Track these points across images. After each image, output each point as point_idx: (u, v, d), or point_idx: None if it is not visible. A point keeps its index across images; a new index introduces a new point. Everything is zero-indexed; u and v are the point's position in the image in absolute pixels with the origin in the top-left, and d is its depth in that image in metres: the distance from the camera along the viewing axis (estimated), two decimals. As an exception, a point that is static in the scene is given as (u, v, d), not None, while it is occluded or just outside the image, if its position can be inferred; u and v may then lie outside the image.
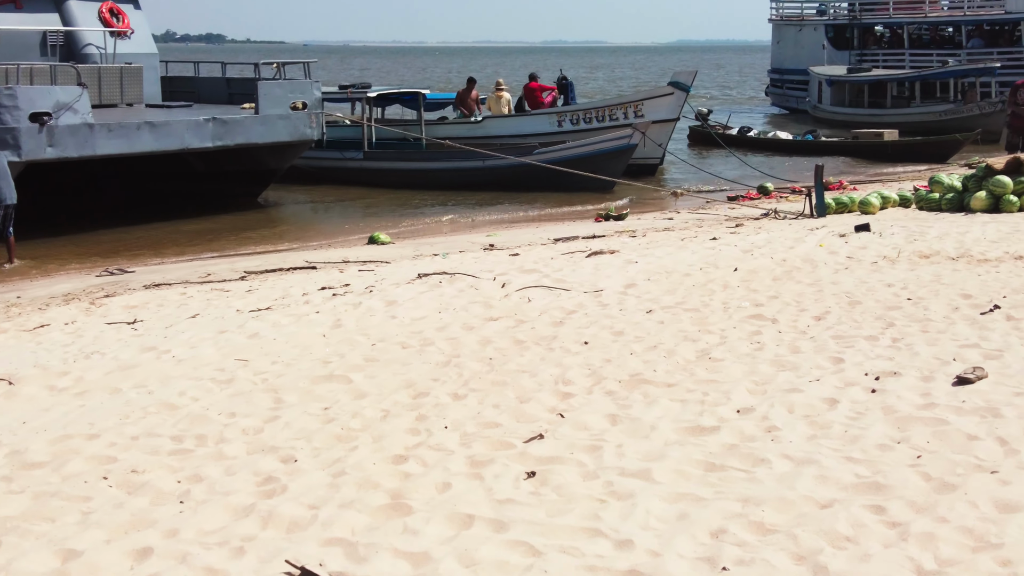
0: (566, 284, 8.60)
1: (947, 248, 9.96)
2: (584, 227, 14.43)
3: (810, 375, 5.82)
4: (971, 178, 13.25)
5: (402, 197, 18.78)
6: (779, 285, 8.43)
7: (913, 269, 9.04)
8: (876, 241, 10.45)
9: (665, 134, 21.43)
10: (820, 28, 38.43)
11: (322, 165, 20.64)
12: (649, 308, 7.66)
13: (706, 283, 8.56)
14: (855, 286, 8.27)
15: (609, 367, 6.07)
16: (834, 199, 14.21)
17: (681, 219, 14.86)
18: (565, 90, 23.19)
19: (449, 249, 12.40)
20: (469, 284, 8.67)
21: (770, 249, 10.14)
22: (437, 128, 22.64)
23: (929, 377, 5.68)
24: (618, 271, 9.11)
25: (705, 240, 11.40)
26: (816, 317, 7.27)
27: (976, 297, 7.77)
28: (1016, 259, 9.46)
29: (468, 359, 6.32)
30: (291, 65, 18.94)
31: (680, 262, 9.50)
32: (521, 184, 19.03)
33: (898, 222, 12.15)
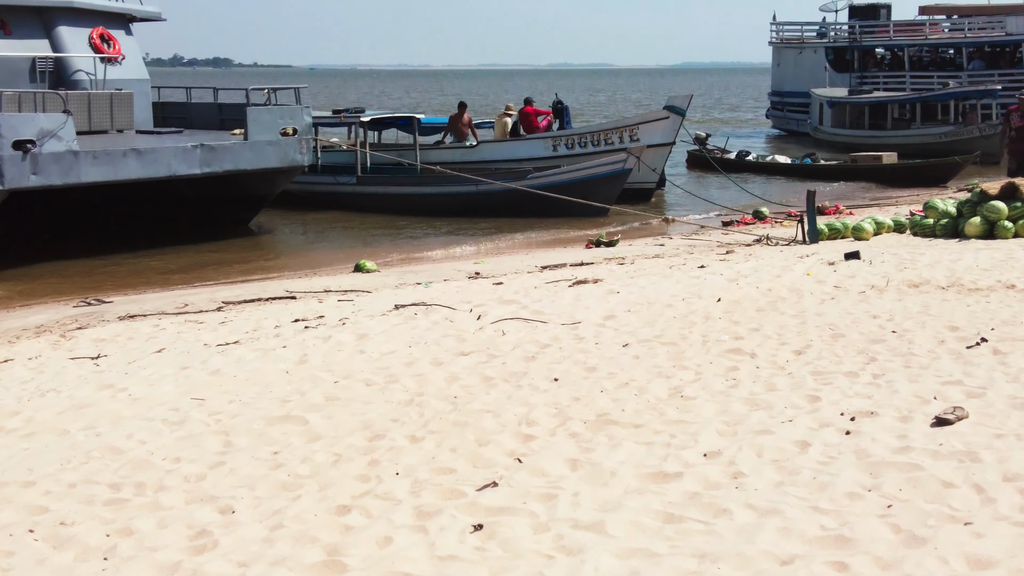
0: (544, 316, 8.39)
1: (937, 277, 9.73)
2: (574, 254, 14.24)
3: (784, 415, 5.59)
4: (966, 203, 13.04)
5: (395, 223, 18.61)
6: (762, 316, 8.21)
7: (901, 299, 8.82)
8: (865, 269, 10.23)
9: (661, 158, 21.27)
10: (820, 51, 38.35)
11: (315, 190, 20.51)
12: (626, 342, 7.44)
13: (687, 314, 8.34)
14: (840, 318, 8.05)
15: (576, 406, 5.85)
16: (827, 225, 14.00)
17: (672, 245, 14.66)
18: (560, 114, 23.06)
19: (435, 277, 12.21)
20: (445, 316, 8.46)
21: (756, 278, 9.92)
22: (432, 153, 22.51)
23: (907, 417, 5.45)
24: (599, 302, 8.90)
25: (692, 268, 11.19)
26: (796, 351, 7.04)
27: (963, 329, 7.54)
28: (1007, 288, 9.23)
29: (432, 397, 6.10)
30: (283, 91, 18.81)
31: (663, 292, 9.29)
32: (515, 209, 18.86)
33: (890, 249, 11.93)
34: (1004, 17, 35.03)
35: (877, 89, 35.04)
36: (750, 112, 56.10)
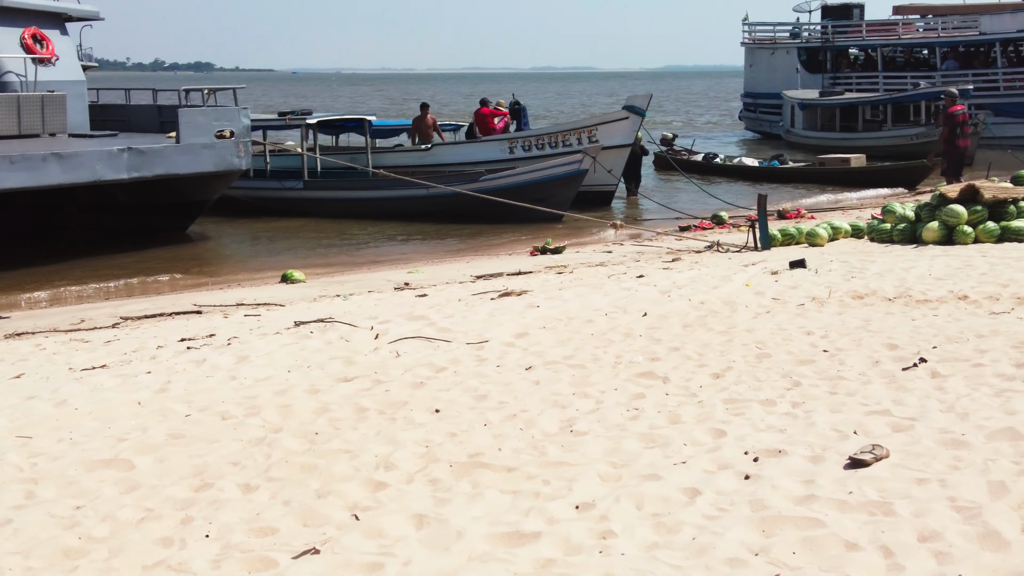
0: (450, 333, 7.66)
1: (885, 287, 9.05)
2: (516, 262, 13.52)
3: (680, 454, 4.87)
4: (924, 207, 12.37)
5: (343, 228, 17.88)
6: (687, 334, 7.51)
7: (841, 313, 8.13)
8: (809, 279, 9.54)
9: (621, 160, 20.56)
10: (793, 51, 37.77)
11: (261, 195, 19.76)
12: (530, 364, 6.72)
13: (607, 331, 7.63)
14: (771, 334, 7.35)
15: (449, 445, 5.12)
16: (780, 231, 13.33)
17: (621, 252, 13.96)
18: (518, 115, 22.34)
19: (361, 288, 11.47)
20: (342, 334, 7.72)
21: (692, 290, 9.22)
22: (385, 156, 21.80)
23: (819, 457, 4.74)
24: (515, 317, 8.18)
25: (630, 278, 10.48)
26: (714, 375, 6.34)
27: (903, 348, 6.85)
28: (959, 299, 8.55)
29: (289, 434, 5.36)
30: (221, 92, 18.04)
31: (588, 306, 8.57)
32: (468, 214, 18.15)
33: (842, 256, 11.25)
34: (978, 16, 34.49)
35: (849, 90, 34.47)
36: (725, 114, 55.50)
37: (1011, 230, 11.71)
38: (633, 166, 21.85)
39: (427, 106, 22.72)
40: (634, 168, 21.89)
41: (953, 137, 17.71)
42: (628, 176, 21.85)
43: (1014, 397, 5.60)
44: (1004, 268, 9.93)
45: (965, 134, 17.88)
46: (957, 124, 17.76)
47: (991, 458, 4.66)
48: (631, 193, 21.71)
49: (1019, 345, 6.80)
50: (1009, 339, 6.98)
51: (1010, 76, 32.61)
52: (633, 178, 22.06)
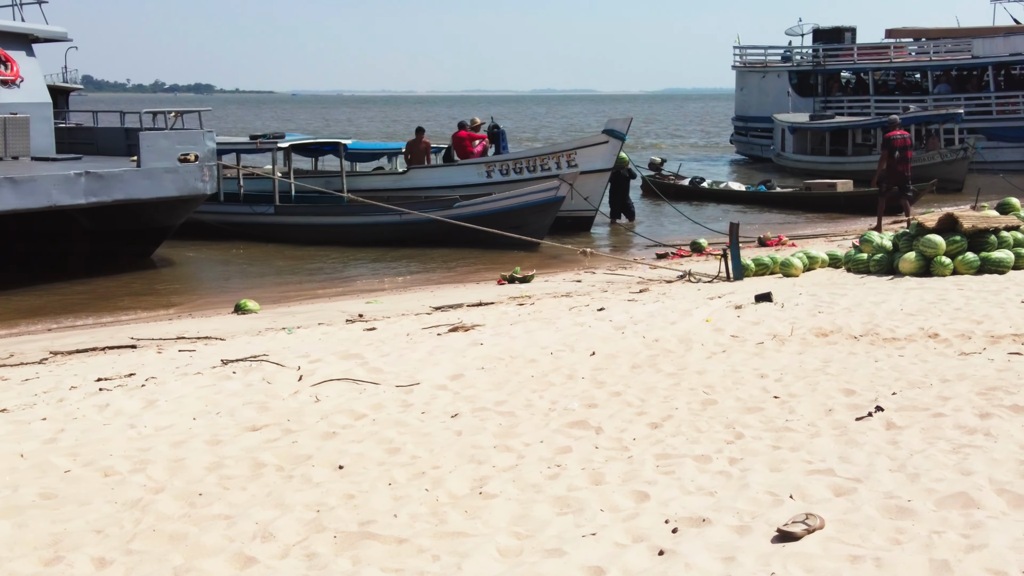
0: (382, 375, 7.17)
1: (853, 323, 8.56)
2: (482, 291, 13.03)
3: (593, 523, 4.38)
4: (902, 237, 11.90)
5: (310, 255, 17.40)
6: (634, 376, 7.02)
7: (802, 352, 7.65)
8: (774, 314, 9.05)
9: (601, 184, 20.11)
10: (784, 75, 37.43)
11: (232, 220, 19.29)
12: (458, 411, 6.23)
13: (549, 372, 7.14)
14: (722, 377, 6.86)
15: (342, 509, 4.62)
16: (754, 260, 12.84)
17: (591, 281, 13.47)
18: (496, 139, 21.91)
19: (314, 319, 10.97)
20: (266, 375, 7.23)
21: (648, 325, 8.73)
22: (361, 180, 21.35)
23: (746, 528, 4.24)
24: (455, 356, 7.69)
25: (591, 311, 10.00)
26: (653, 424, 5.85)
27: (860, 393, 6.37)
28: (929, 337, 8.07)
29: (171, 495, 4.86)
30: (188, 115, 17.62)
31: (534, 343, 8.08)
32: (443, 240, 17.69)
33: (814, 288, 10.77)
34: (971, 40, 34.15)
35: (841, 114, 34.10)
36: (717, 137, 55.14)
37: (991, 261, 11.24)
38: (620, 192, 21.36)
39: (422, 130, 22.24)
40: (621, 194, 21.37)
41: (893, 162, 17.51)
42: (615, 202, 21.40)
43: (972, 455, 5.10)
44: (980, 303, 9.46)
45: (906, 159, 17.63)
46: (896, 149, 17.57)
47: (937, 530, 4.16)
48: (616, 219, 21.12)
49: (985, 391, 6.31)
50: (975, 384, 6.50)
51: (1003, 100, 32.25)
52: (621, 204, 21.48)
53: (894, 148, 17.56)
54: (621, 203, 21.46)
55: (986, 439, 5.37)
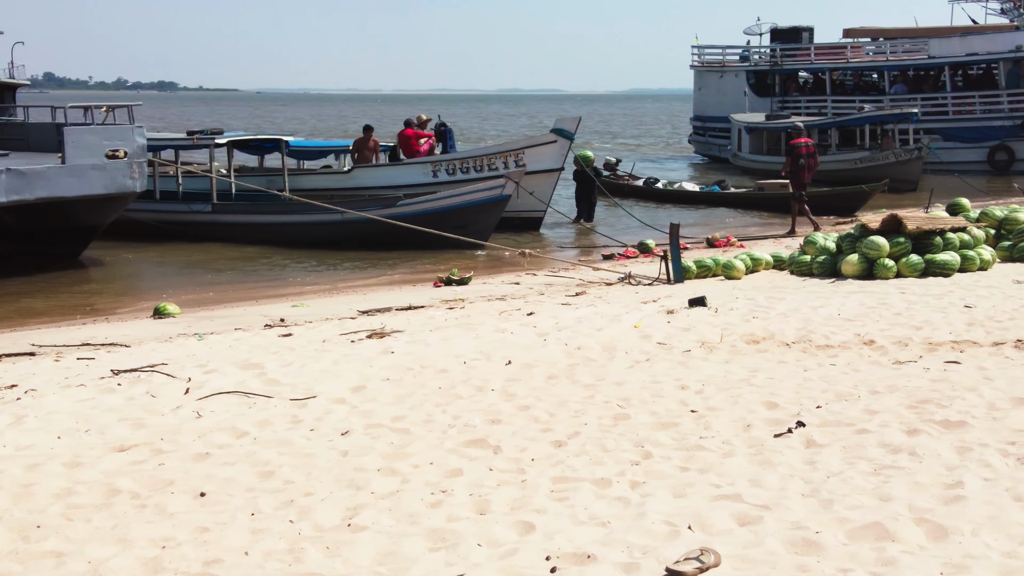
0: (277, 387, 6.67)
1: (787, 330, 8.17)
2: (416, 294, 12.54)
3: (466, 560, 3.92)
4: (846, 238, 11.55)
5: (247, 255, 16.80)
6: (548, 387, 6.57)
7: (729, 361, 7.23)
8: (706, 320, 8.64)
9: (549, 185, 19.66)
10: (741, 75, 37.21)
11: (168, 219, 18.62)
12: (349, 428, 5.74)
13: (458, 384, 6.68)
14: (640, 389, 6.43)
15: (189, 546, 4.13)
16: (696, 262, 12.45)
17: (530, 284, 13.02)
18: (444, 137, 21.40)
19: (233, 324, 10.43)
20: (152, 388, 6.70)
21: (574, 332, 8.28)
22: (304, 178, 20.79)
23: (633, 566, 3.80)
24: (362, 366, 7.20)
25: (520, 316, 9.54)
26: (557, 442, 5.40)
27: (783, 407, 5.96)
28: (864, 344, 7.70)
29: (6, 527, 4.35)
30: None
31: (450, 352, 7.60)
32: (385, 240, 17.14)
33: (753, 291, 10.38)
34: (927, 40, 34.08)
35: (798, 114, 33.89)
36: (676, 138, 54.92)
37: (936, 264, 10.92)
38: (585, 192, 20.84)
39: (371, 128, 21.66)
40: (586, 194, 20.85)
41: (797, 168, 17.92)
42: (580, 202, 20.95)
43: (893, 478, 4.70)
44: (922, 307, 9.11)
45: (810, 166, 18.02)
46: (800, 156, 18.01)
47: (845, 568, 3.75)
48: (580, 219, 20.61)
49: (916, 404, 5.93)
50: (907, 396, 6.12)
51: (959, 100, 32.19)
52: (586, 204, 20.96)
53: (799, 156, 17.95)
54: (586, 203, 20.93)
55: (910, 459, 4.98)
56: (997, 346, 7.63)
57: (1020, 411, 5.74)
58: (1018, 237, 12.28)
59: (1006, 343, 7.70)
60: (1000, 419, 5.60)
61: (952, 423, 5.53)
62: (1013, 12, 34.80)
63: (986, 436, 5.31)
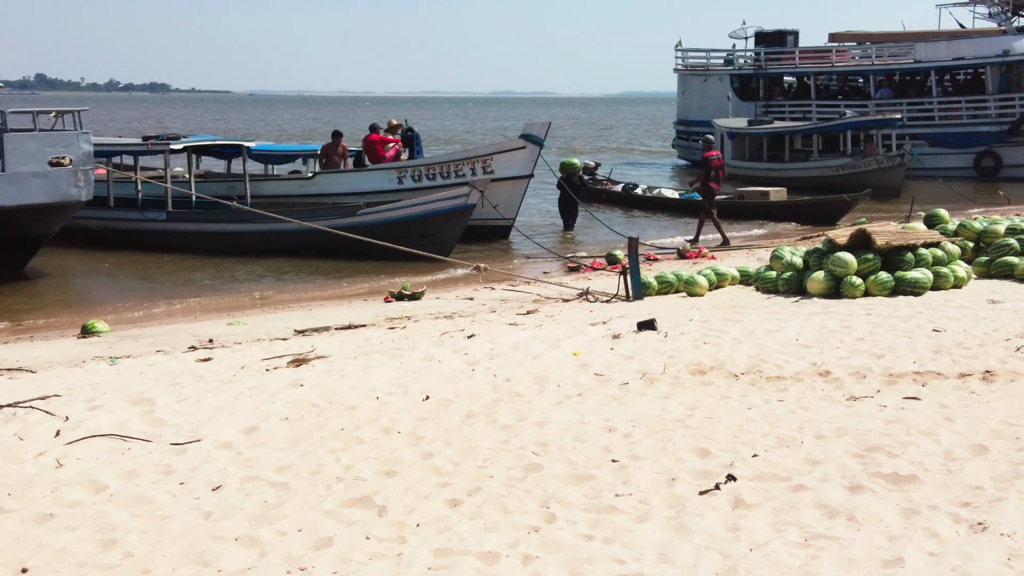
0: (162, 427, 6.02)
1: (737, 358, 7.54)
2: (365, 309, 11.90)
3: (299, 668, 3.27)
4: (813, 254, 10.93)
5: (199, 265, 16.14)
6: (463, 428, 5.93)
7: (668, 396, 6.60)
8: (653, 345, 8.00)
9: (518, 192, 19.02)
10: (725, 78, 36.60)
11: (122, 227, 17.93)
12: (222, 482, 5.10)
13: (364, 424, 6.03)
14: (563, 431, 5.79)
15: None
16: (657, 277, 11.82)
17: (484, 299, 12.38)
18: (410, 143, 20.74)
19: (159, 344, 9.77)
20: (21, 429, 6.02)
21: (507, 359, 7.64)
22: (266, 185, 20.11)
23: None
24: (263, 402, 6.54)
25: (461, 338, 8.90)
26: (453, 501, 4.76)
27: (716, 455, 5.33)
28: (819, 375, 7.08)
29: None
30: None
31: (365, 384, 6.96)
32: (345, 248, 16.44)
33: (711, 311, 9.75)
34: (913, 43, 33.50)
35: (782, 119, 33.33)
36: (661, 141, 54.28)
37: (906, 282, 10.30)
38: (570, 201, 20.16)
39: (339, 134, 20.98)
40: (570, 202, 20.16)
41: (708, 180, 18.15)
42: (564, 210, 20.30)
43: (824, 551, 4.08)
44: (887, 331, 8.49)
45: (719, 178, 18.26)
46: (712, 168, 18.23)
47: None
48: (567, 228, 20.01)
49: (864, 453, 5.31)
50: (855, 442, 5.49)
51: (945, 105, 31.61)
52: (569, 212, 20.29)
53: (711, 168, 18.19)
54: (569, 213, 20.22)
55: (848, 526, 4.35)
56: (963, 378, 7.02)
57: (978, 462, 5.11)
58: (996, 252, 11.68)
59: (973, 374, 7.08)
60: (955, 472, 4.98)
61: (901, 477, 4.90)
62: (1000, 16, 34.21)
63: (937, 495, 4.68)
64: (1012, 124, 29.99)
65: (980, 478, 4.89)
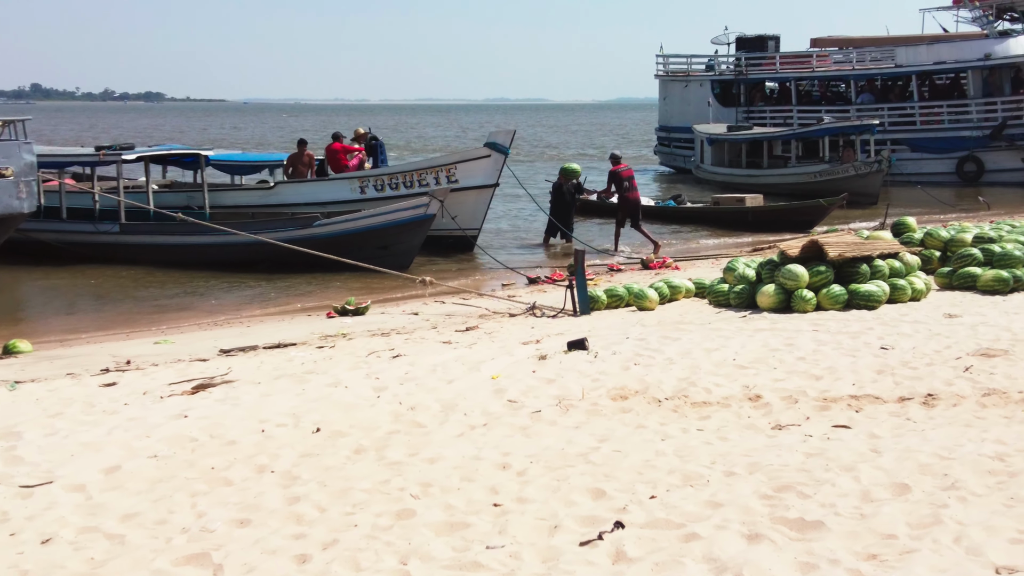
0: (16, 467, 5.52)
1: (667, 381, 7.05)
2: (300, 327, 11.40)
3: None
4: (766, 265, 10.43)
5: (148, 279, 15.61)
6: (345, 467, 5.44)
7: (580, 426, 6.11)
8: (580, 367, 7.51)
9: (483, 201, 18.50)
10: (706, 84, 36.16)
11: (73, 240, 17.40)
12: (54, 533, 4.59)
13: (241, 461, 5.53)
14: (453, 469, 5.30)
15: None
16: (606, 291, 11.33)
17: (429, 313, 11.88)
18: (374, 151, 20.26)
19: (72, 366, 9.25)
20: None
21: (419, 385, 7.14)
22: (225, 195, 19.60)
23: None
24: (138, 436, 6.04)
25: (386, 359, 8.40)
26: (301, 557, 4.27)
27: (612, 496, 4.84)
28: (748, 400, 6.59)
29: None
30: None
31: (255, 414, 6.45)
32: (301, 260, 15.90)
33: (653, 328, 9.25)
34: (894, 48, 33.05)
35: (763, 125, 32.86)
36: (644, 148, 53.79)
37: (860, 295, 9.81)
38: (564, 209, 19.35)
39: (305, 142, 20.45)
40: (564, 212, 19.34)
41: (622, 191, 18.21)
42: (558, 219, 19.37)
43: (697, 618, 3.57)
44: (831, 349, 8.00)
45: (633, 187, 18.32)
46: (623, 180, 18.25)
47: None
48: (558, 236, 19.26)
49: (774, 493, 4.82)
50: (768, 479, 5.00)
51: (926, 110, 31.17)
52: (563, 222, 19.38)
53: (621, 180, 18.22)
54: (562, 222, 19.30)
55: (733, 586, 3.85)
56: (903, 402, 6.54)
57: (896, 505, 4.62)
58: (958, 262, 11.20)
59: (914, 398, 6.60)
60: (869, 517, 4.48)
61: (807, 524, 4.41)
62: (982, 19, 33.80)
63: (842, 546, 4.18)
64: (994, 129, 29.56)
65: (895, 524, 4.39)
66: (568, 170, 19.70)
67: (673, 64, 38.32)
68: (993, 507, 4.58)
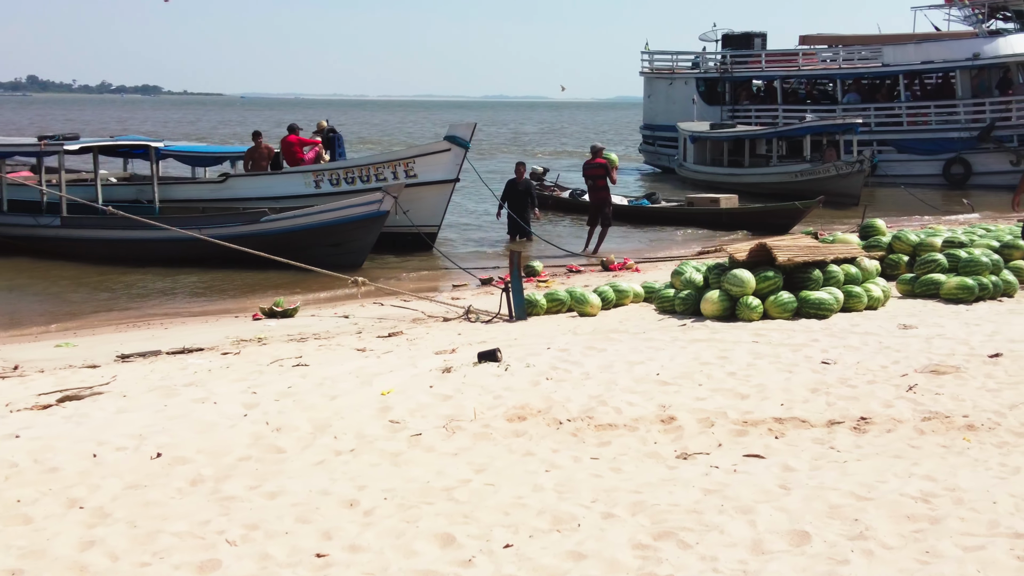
0: None
1: (576, 399, 6.31)
2: (217, 329, 10.66)
3: None
4: (714, 270, 9.70)
5: (81, 276, 14.84)
6: (172, 501, 4.71)
7: (458, 453, 5.38)
8: (484, 381, 6.77)
9: (443, 197, 17.74)
10: (691, 82, 35.40)
11: (13, 233, 16.65)
12: None
13: (54, 493, 4.80)
14: (292, 506, 4.58)
15: None
16: (547, 295, 10.58)
17: (360, 316, 11.14)
18: (331, 145, 19.50)
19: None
20: None
21: (295, 401, 6.39)
22: (175, 189, 18.85)
23: None
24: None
25: (286, 368, 7.67)
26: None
27: (463, 544, 4.13)
28: (660, 422, 5.86)
29: None
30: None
31: (97, 434, 5.70)
32: (247, 257, 15.12)
33: (579, 338, 8.51)
34: (881, 47, 32.27)
35: (748, 123, 32.11)
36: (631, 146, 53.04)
37: (809, 303, 9.08)
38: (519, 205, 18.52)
39: (260, 134, 19.70)
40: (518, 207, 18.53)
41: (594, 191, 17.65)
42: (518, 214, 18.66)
43: None
44: (767, 363, 7.28)
45: (598, 187, 17.56)
46: (586, 176, 17.89)
47: None
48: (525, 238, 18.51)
49: (651, 541, 4.10)
50: (650, 522, 4.29)
51: (913, 110, 30.42)
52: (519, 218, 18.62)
53: (585, 176, 17.89)
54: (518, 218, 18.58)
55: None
56: (831, 426, 5.82)
57: (788, 560, 3.90)
58: (922, 268, 10.48)
59: (845, 422, 5.88)
60: (752, 576, 3.76)
61: (676, 584, 3.69)
62: (972, 18, 33.06)
63: (710, 616, 3.46)
64: (982, 130, 28.83)
65: (782, 584, 3.67)
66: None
67: (658, 61, 37.57)
68: (902, 563, 3.87)
